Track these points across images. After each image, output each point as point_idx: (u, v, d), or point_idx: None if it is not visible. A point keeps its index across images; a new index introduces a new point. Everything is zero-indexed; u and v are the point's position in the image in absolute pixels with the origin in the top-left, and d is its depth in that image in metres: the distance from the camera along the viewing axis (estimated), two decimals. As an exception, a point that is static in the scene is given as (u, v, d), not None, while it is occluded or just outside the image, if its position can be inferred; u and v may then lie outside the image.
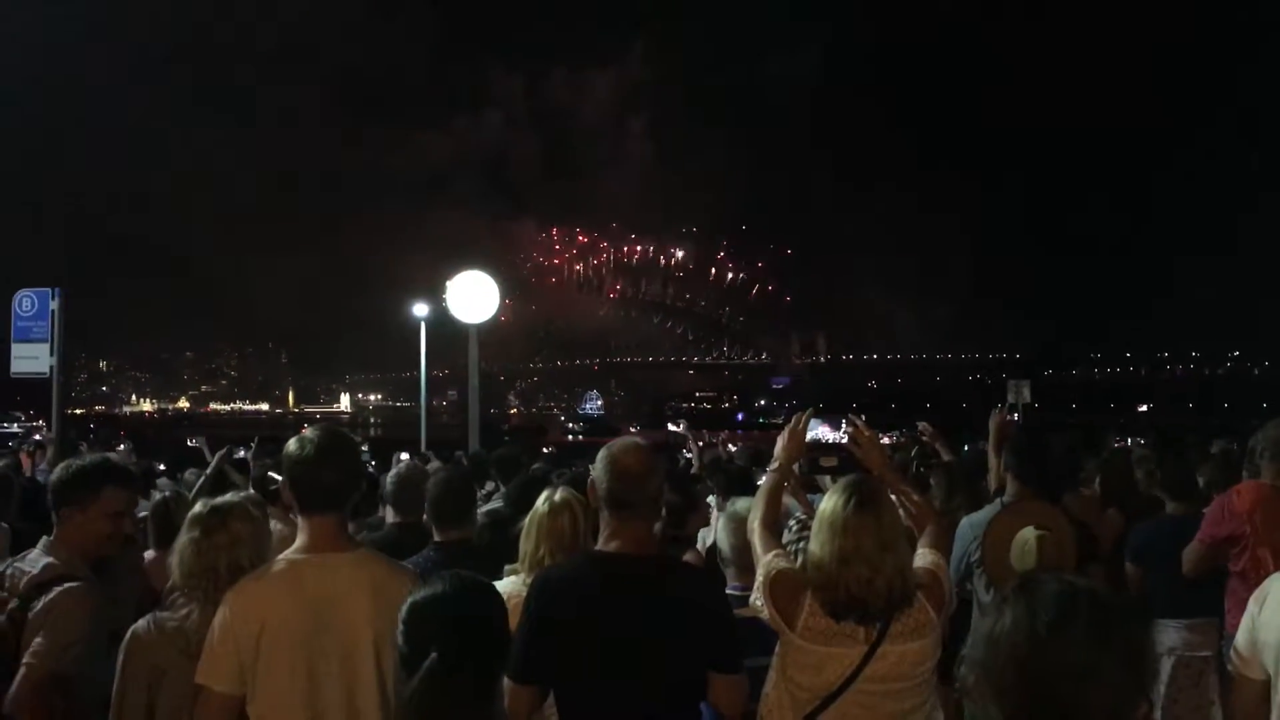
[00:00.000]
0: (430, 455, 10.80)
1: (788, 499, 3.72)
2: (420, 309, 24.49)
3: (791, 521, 3.75)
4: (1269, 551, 4.48)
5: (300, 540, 2.86)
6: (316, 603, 2.75)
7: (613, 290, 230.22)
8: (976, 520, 4.62)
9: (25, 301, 11.72)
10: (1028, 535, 4.09)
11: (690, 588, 2.92)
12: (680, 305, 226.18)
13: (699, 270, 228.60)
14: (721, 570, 3.82)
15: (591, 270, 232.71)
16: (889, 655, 2.86)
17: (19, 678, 2.91)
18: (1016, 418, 16.23)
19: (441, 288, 12.23)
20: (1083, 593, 1.56)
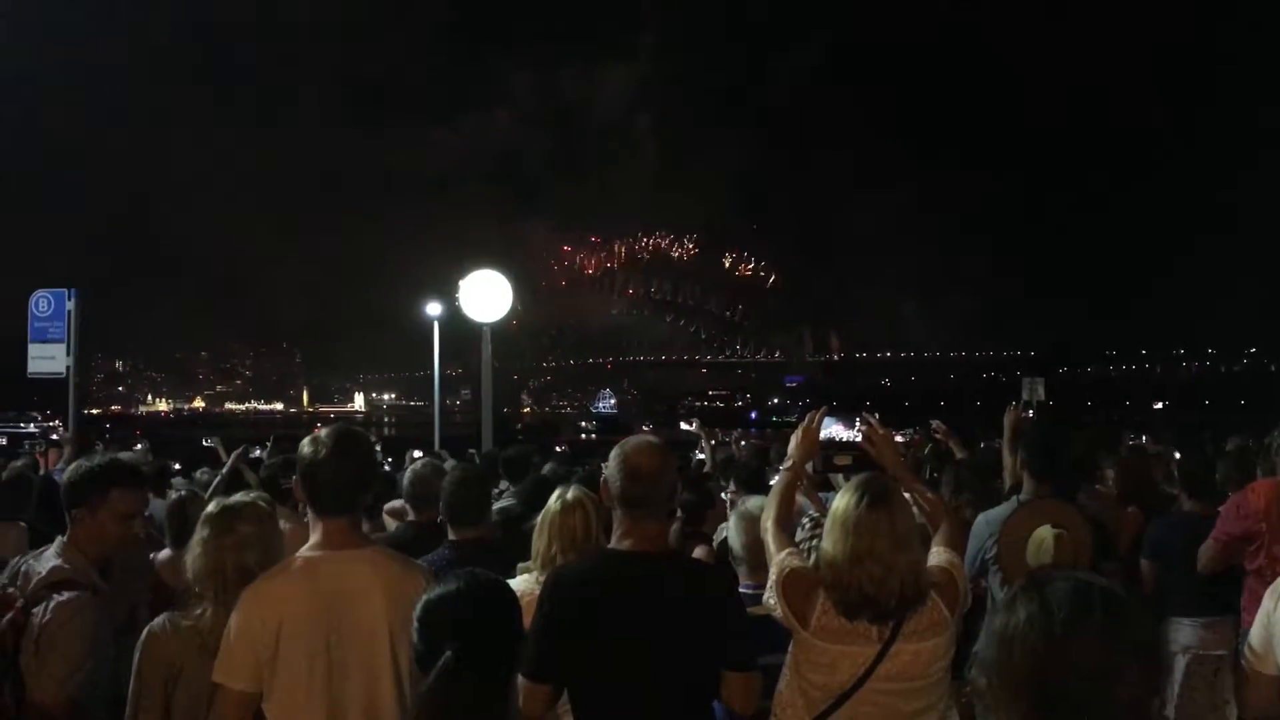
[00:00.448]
0: (444, 454, 10.82)
1: (800, 498, 3.72)
2: (433, 308, 24.54)
3: (804, 519, 3.74)
4: None
5: (314, 538, 2.87)
6: (333, 600, 2.76)
7: (625, 289, 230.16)
8: (993, 518, 4.61)
9: (42, 302, 11.79)
10: (1044, 533, 4.08)
11: (703, 586, 2.92)
12: (693, 304, 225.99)
13: (711, 268, 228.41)
14: (733, 568, 3.82)
15: (604, 269, 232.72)
16: (902, 654, 2.86)
17: (36, 711, 2.92)
18: (1031, 415, 16.15)
19: (454, 287, 12.25)
20: (1096, 590, 1.54)
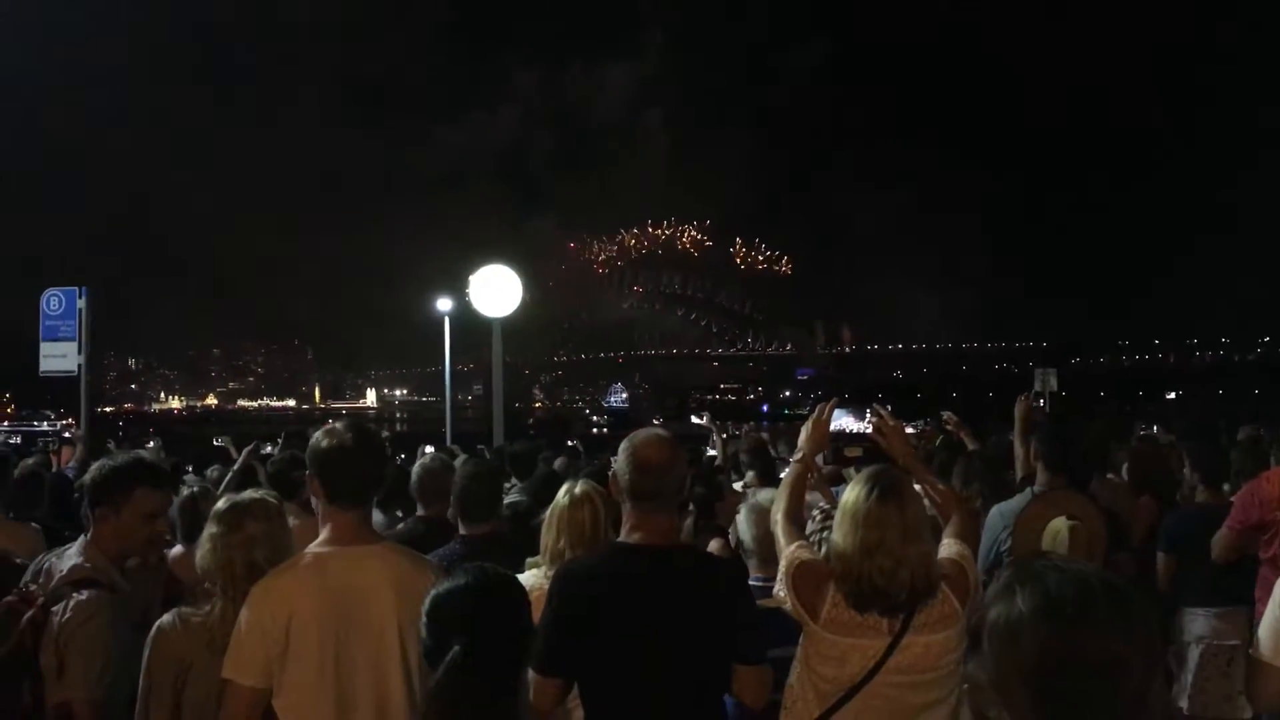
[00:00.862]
0: (456, 449, 10.84)
1: (811, 491, 3.70)
2: (444, 304, 24.56)
3: (815, 512, 3.73)
4: None
5: (324, 534, 2.88)
6: (342, 596, 2.76)
7: (636, 284, 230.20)
8: (1007, 509, 4.59)
9: (53, 301, 11.87)
10: (1059, 525, 4.06)
11: (713, 579, 2.91)
12: (703, 298, 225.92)
13: (722, 262, 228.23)
14: (744, 561, 3.81)
15: (614, 264, 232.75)
16: (913, 647, 2.84)
17: (56, 710, 2.92)
18: (1043, 405, 16.10)
19: (465, 282, 12.27)
20: (1096, 579, 1.51)
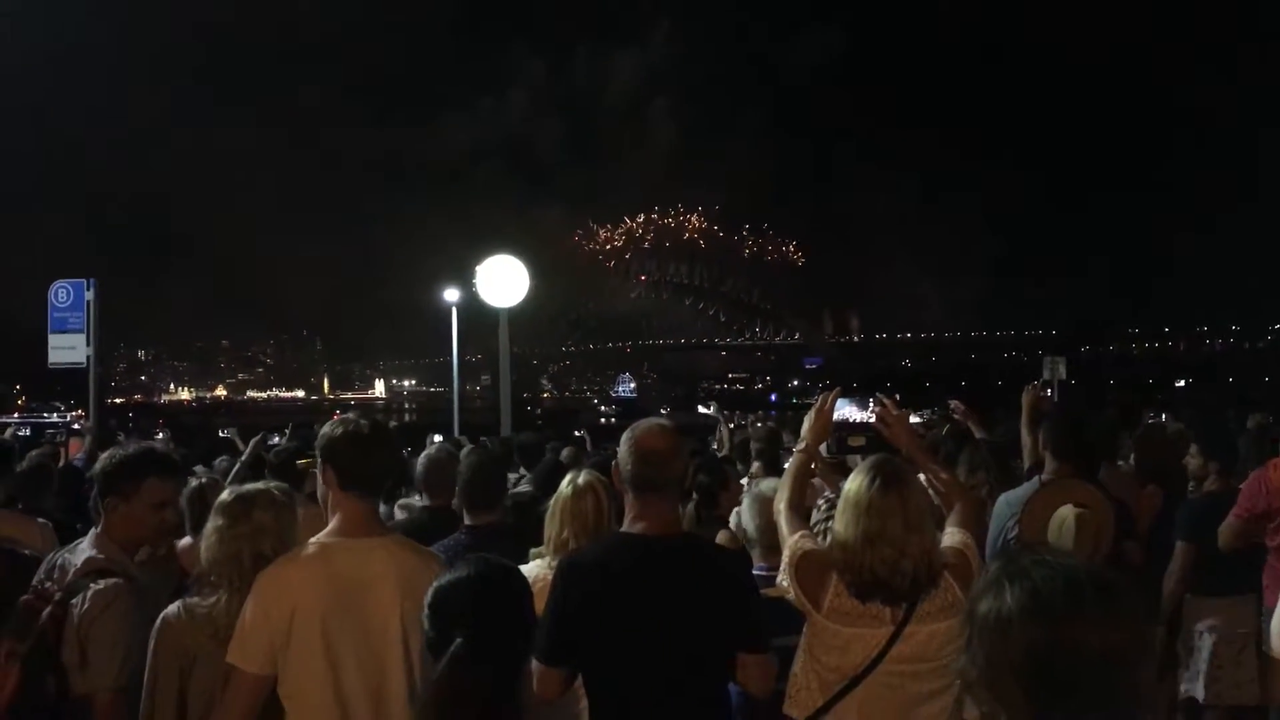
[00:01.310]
0: (463, 440, 10.86)
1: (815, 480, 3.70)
2: (451, 294, 24.57)
3: (820, 501, 3.72)
4: None
5: (332, 524, 2.89)
6: (347, 586, 2.77)
7: (643, 273, 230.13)
8: (1014, 498, 4.58)
9: (61, 293, 11.89)
10: (1066, 513, 4.04)
11: (716, 568, 2.91)
12: (711, 287, 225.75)
13: (728, 250, 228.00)
14: (747, 550, 3.80)
15: (621, 253, 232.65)
16: (916, 636, 2.85)
17: (97, 707, 2.93)
18: (1050, 394, 16.07)
19: (472, 273, 12.27)
20: (1084, 574, 1.50)
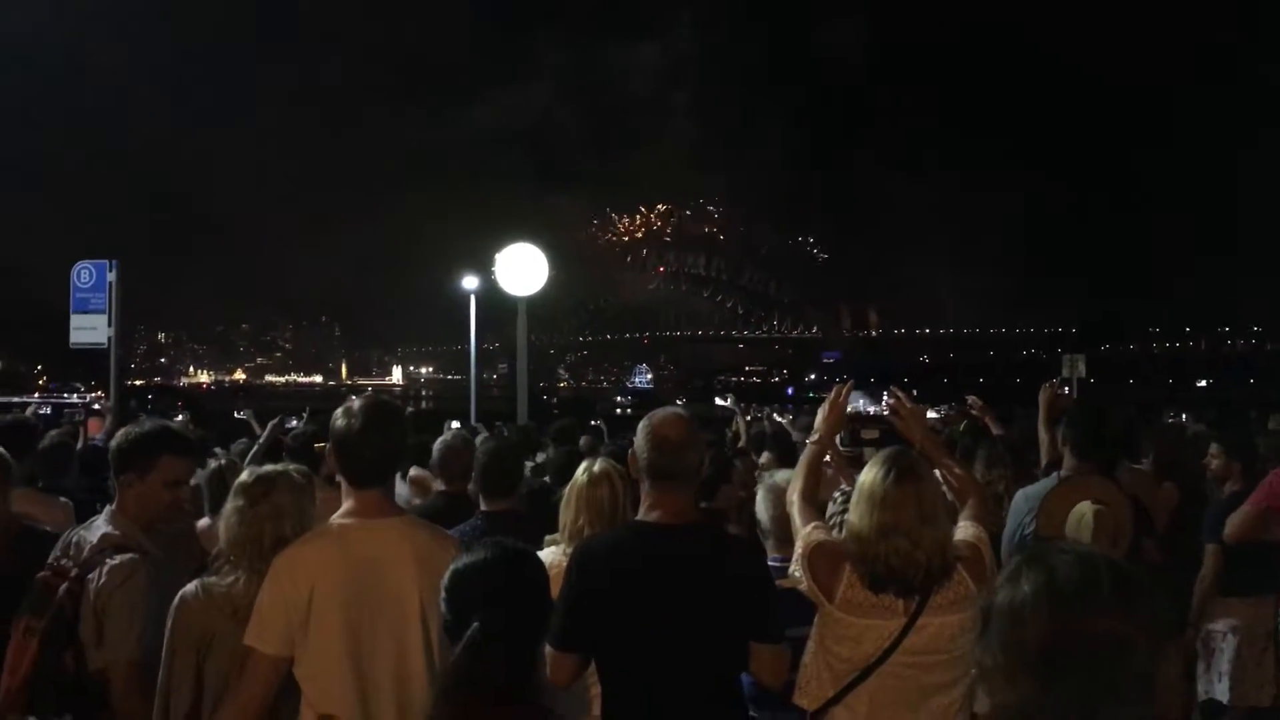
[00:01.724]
0: (479, 427, 10.89)
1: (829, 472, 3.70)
2: (470, 282, 24.59)
3: (836, 494, 3.73)
4: None
5: (346, 506, 2.90)
6: (364, 567, 2.79)
7: (662, 264, 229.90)
8: (1032, 493, 4.57)
9: (84, 273, 11.96)
10: (1084, 509, 4.03)
11: (731, 558, 2.91)
12: (729, 279, 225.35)
13: (747, 243, 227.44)
14: (761, 541, 3.81)
15: (640, 243, 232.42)
16: (928, 628, 2.85)
17: (114, 679, 2.98)
18: (1069, 392, 15.99)
19: (490, 260, 12.28)
20: (1102, 561, 1.51)
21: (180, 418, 13.12)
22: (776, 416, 11.38)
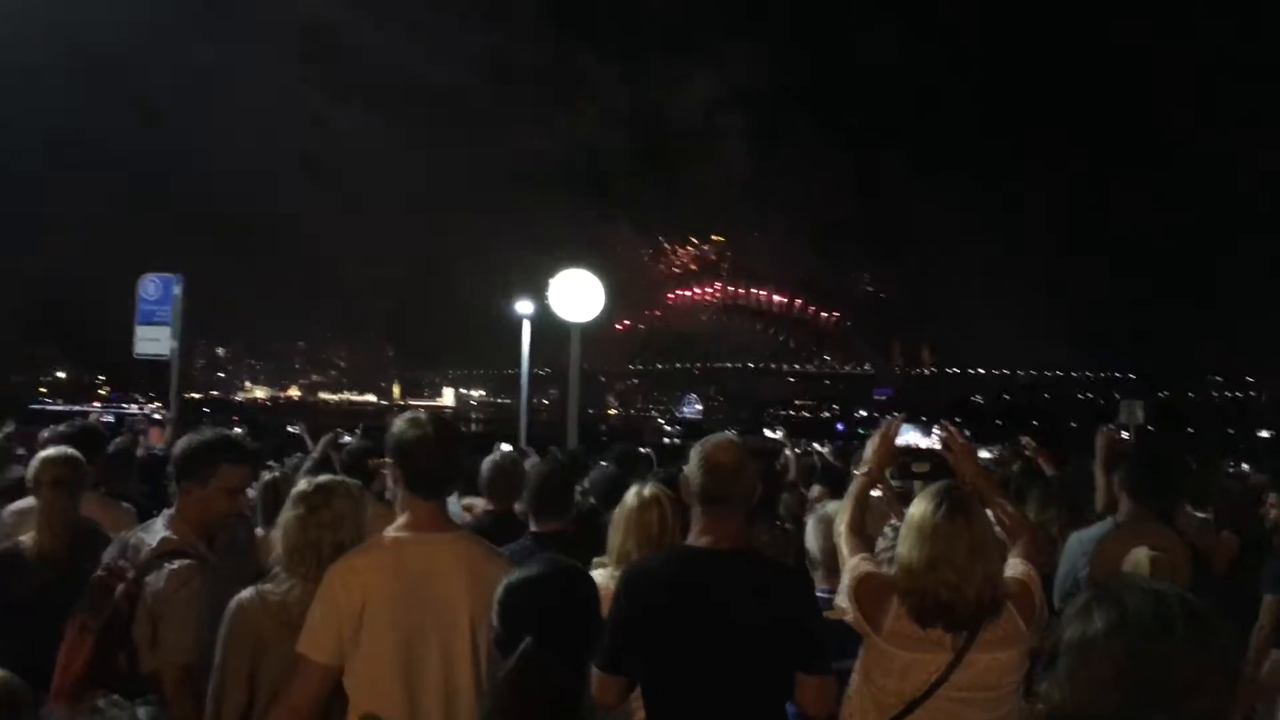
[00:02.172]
0: (529, 450, 10.95)
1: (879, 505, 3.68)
2: (524, 306, 24.75)
3: (886, 529, 3.71)
4: None
5: (402, 518, 2.94)
6: (417, 580, 2.82)
7: (714, 294, 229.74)
8: (1086, 537, 4.52)
9: (150, 286, 12.25)
10: (1140, 556, 3.97)
11: (780, 585, 2.91)
12: (780, 312, 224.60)
13: (800, 275, 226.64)
14: (809, 572, 3.79)
15: (692, 273, 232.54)
16: (975, 664, 2.82)
17: (165, 681, 3.04)
18: (1127, 437, 15.72)
19: (543, 285, 12.37)
20: (1174, 599, 1.49)
21: (237, 430, 13.34)
22: (820, 448, 11.31)
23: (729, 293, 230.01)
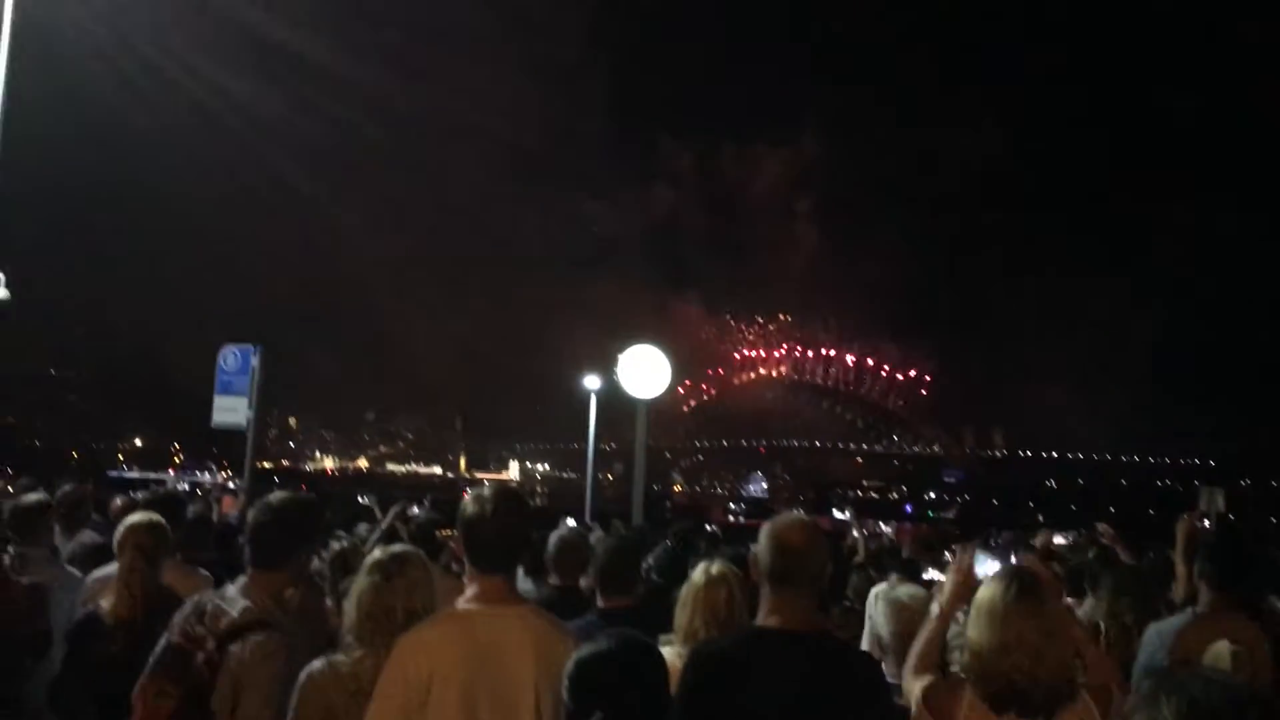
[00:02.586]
0: (594, 525, 10.95)
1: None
2: (591, 381, 24.94)
3: (959, 613, 3.64)
4: None
5: (470, 591, 2.97)
6: (484, 653, 2.84)
7: (780, 373, 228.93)
8: (1165, 629, 4.39)
9: (230, 357, 12.56)
10: (1221, 649, 3.85)
11: (851, 670, 2.87)
12: (848, 391, 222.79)
13: (869, 354, 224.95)
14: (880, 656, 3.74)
15: (760, 351, 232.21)
16: None
17: None
18: (1208, 525, 15.26)
19: (611, 360, 12.46)
20: (1243, 691, 1.46)
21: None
22: (887, 528, 11.15)
23: (797, 371, 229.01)
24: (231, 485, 13.22)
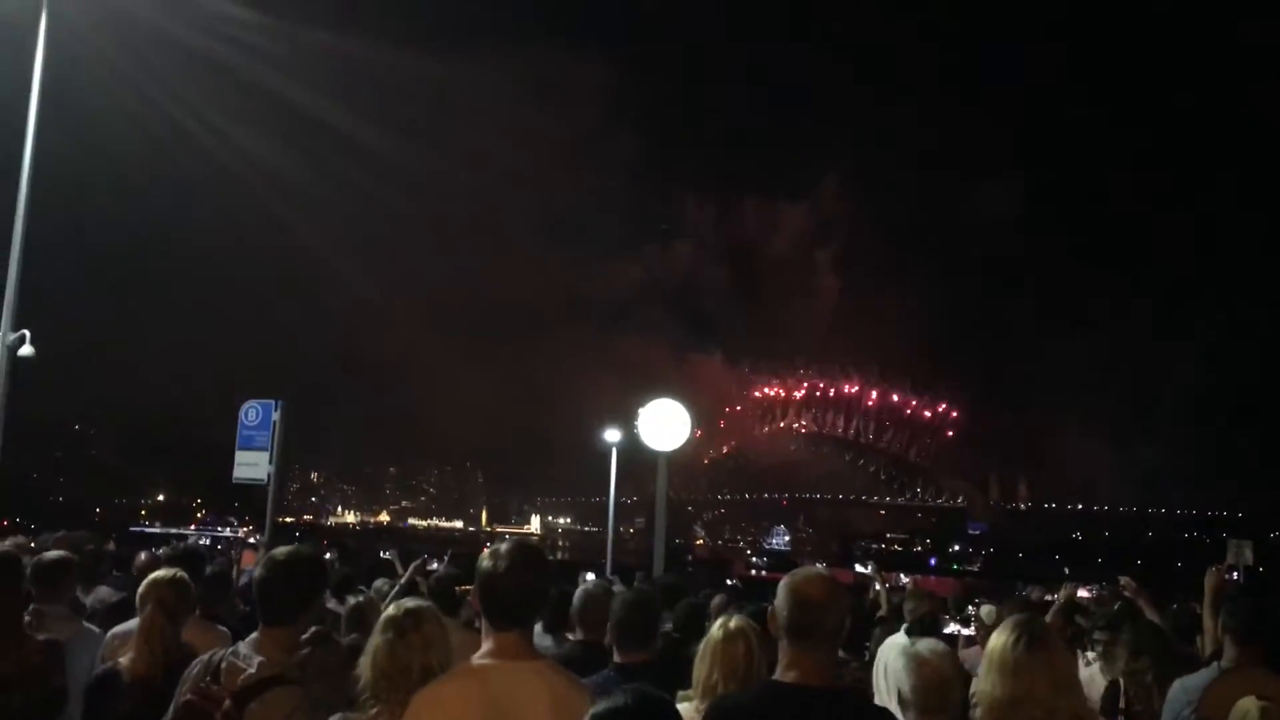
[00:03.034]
0: (615, 579, 10.92)
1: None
2: (612, 435, 24.96)
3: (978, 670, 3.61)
4: None
5: (487, 646, 2.97)
6: (500, 708, 2.83)
7: (803, 425, 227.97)
8: (1191, 684, 4.33)
9: (251, 412, 12.66)
10: (1249, 705, 3.79)
11: None
12: (871, 443, 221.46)
13: (889, 407, 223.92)
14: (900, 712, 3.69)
15: (781, 404, 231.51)
16: None
17: None
18: (1237, 578, 15.06)
19: (631, 414, 12.49)
20: None
21: (328, 555, 13.55)
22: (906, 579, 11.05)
23: (819, 423, 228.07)
24: (253, 540, 13.23)
